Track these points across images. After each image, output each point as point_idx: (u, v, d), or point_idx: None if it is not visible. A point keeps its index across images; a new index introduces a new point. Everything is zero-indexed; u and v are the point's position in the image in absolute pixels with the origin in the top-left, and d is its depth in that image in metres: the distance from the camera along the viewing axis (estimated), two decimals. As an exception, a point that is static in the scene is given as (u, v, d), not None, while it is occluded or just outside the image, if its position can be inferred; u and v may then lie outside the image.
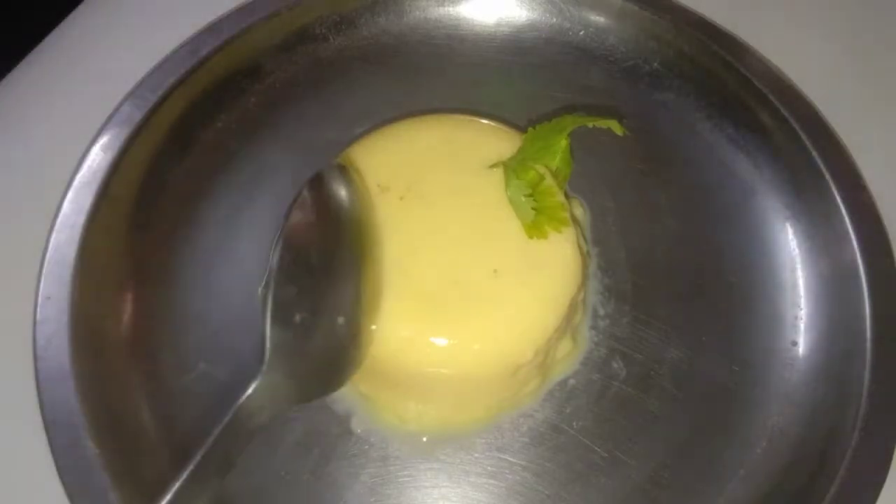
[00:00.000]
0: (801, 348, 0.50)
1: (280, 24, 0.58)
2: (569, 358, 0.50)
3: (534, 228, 0.45)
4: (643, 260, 0.54)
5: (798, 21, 0.62)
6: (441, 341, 0.44)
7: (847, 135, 0.54)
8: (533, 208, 0.45)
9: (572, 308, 0.47)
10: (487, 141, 0.49)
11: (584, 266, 0.48)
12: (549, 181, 0.47)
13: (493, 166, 0.47)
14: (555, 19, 0.61)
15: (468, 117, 0.52)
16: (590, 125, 0.46)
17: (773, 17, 0.62)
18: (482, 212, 0.46)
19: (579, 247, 0.47)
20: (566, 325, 0.47)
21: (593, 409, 0.49)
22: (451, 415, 0.48)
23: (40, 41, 0.60)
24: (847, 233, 0.50)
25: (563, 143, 0.47)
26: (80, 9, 0.62)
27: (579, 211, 0.54)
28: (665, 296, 0.52)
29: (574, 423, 0.48)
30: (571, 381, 0.50)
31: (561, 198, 0.47)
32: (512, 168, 0.46)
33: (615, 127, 0.46)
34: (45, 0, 0.64)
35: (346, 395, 0.48)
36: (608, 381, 0.50)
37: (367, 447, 0.48)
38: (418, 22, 0.62)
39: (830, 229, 0.51)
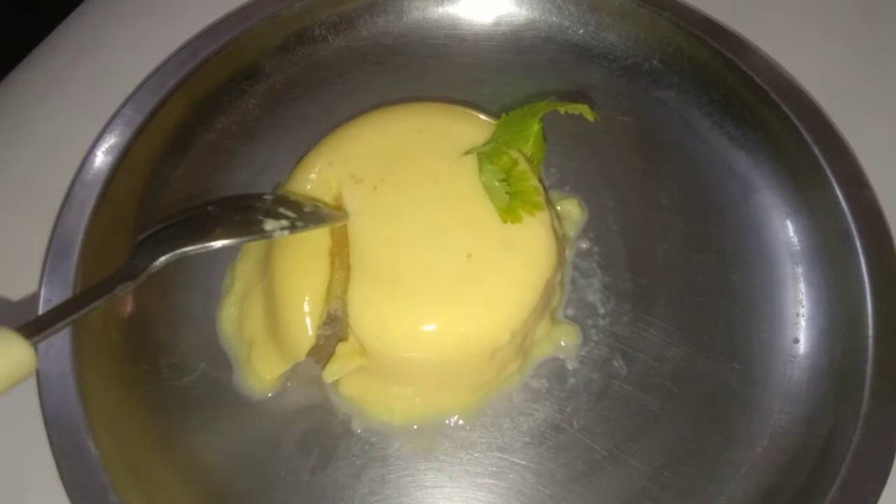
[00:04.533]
0: (803, 346, 0.50)
1: (279, 26, 0.58)
2: (548, 339, 0.50)
3: (508, 213, 0.45)
4: (643, 259, 0.53)
5: (798, 18, 0.62)
6: (417, 327, 0.44)
7: (848, 131, 0.53)
8: (507, 193, 0.45)
9: (549, 290, 0.47)
10: (460, 128, 0.49)
11: (560, 248, 0.48)
12: (522, 166, 0.47)
13: (466, 153, 0.48)
14: (554, 18, 0.61)
15: (440, 105, 0.52)
16: (561, 111, 0.47)
17: (772, 15, 0.61)
18: (456, 198, 0.47)
19: (554, 230, 0.47)
20: (544, 307, 0.48)
21: (594, 408, 0.49)
22: (437, 400, 0.48)
23: (40, 42, 0.60)
24: (849, 229, 0.50)
25: (536, 127, 0.47)
26: (80, 10, 0.62)
27: (576, 211, 0.54)
28: (665, 294, 0.52)
29: (575, 423, 0.48)
30: (572, 380, 0.50)
31: (535, 182, 0.47)
32: (485, 154, 0.47)
33: (586, 112, 0.46)
34: (45, 1, 0.64)
35: (342, 399, 0.49)
36: (609, 381, 0.49)
37: (367, 447, 0.48)
38: (417, 22, 0.62)
39: (832, 226, 0.51)
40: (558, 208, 0.54)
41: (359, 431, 0.48)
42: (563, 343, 0.50)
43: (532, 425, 0.48)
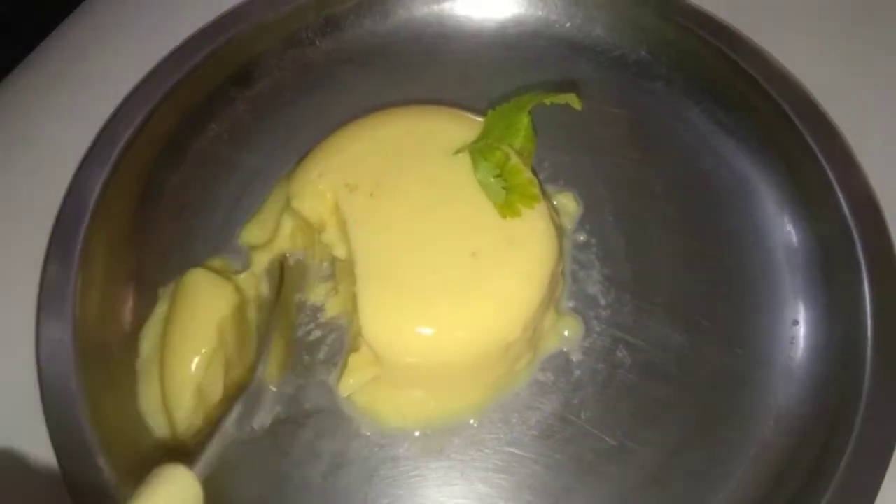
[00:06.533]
0: (803, 327, 0.51)
1: (268, 31, 0.58)
2: (554, 330, 0.50)
3: (506, 207, 0.46)
4: (641, 248, 0.54)
5: (785, 4, 0.62)
6: (429, 330, 0.44)
7: (838, 116, 0.54)
8: (503, 188, 0.46)
9: (553, 281, 0.47)
10: (448, 128, 0.50)
11: (560, 238, 0.49)
12: (514, 160, 0.47)
13: (458, 151, 0.48)
14: (540, 12, 0.61)
15: (425, 107, 0.52)
16: (548, 102, 0.47)
17: (758, 2, 0.62)
18: (453, 198, 0.47)
19: (552, 220, 0.48)
20: (549, 298, 0.48)
21: (600, 399, 0.49)
22: (450, 402, 0.48)
23: (40, 42, 0.59)
24: (842, 213, 0.50)
25: (525, 120, 0.47)
26: (80, 10, 0.61)
27: (572, 204, 0.54)
28: (665, 283, 0.53)
29: (582, 414, 0.49)
30: (577, 372, 0.50)
31: (528, 175, 0.47)
32: (478, 151, 0.47)
33: (573, 102, 0.46)
34: (45, 1, 0.64)
35: (353, 407, 0.49)
36: (613, 370, 0.50)
37: (377, 449, 0.48)
38: (404, 22, 0.61)
39: (825, 210, 0.52)
40: (554, 202, 0.54)
41: (368, 434, 0.48)
42: (566, 334, 0.51)
43: (540, 419, 0.49)
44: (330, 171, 0.49)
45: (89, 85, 0.57)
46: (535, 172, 0.49)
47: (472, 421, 0.49)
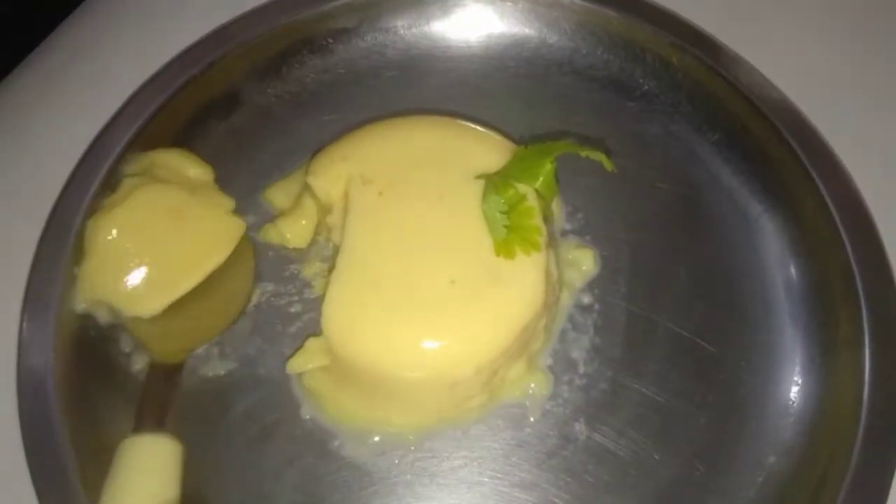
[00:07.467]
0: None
1: (256, 51, 0.58)
2: (520, 383, 0.48)
3: (503, 247, 0.44)
4: (642, 331, 0.51)
5: (810, 47, 0.59)
6: (382, 341, 0.44)
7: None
8: (505, 226, 0.44)
9: (527, 333, 0.45)
10: (479, 149, 0.49)
11: (551, 294, 0.47)
12: (530, 202, 0.45)
13: (479, 177, 0.47)
14: (556, 37, 0.60)
15: (466, 123, 0.51)
16: (582, 154, 0.45)
17: (774, 35, 0.59)
18: (457, 220, 0.46)
19: (548, 273, 0.46)
20: (520, 350, 0.46)
21: (539, 467, 0.47)
22: (390, 415, 0.48)
23: (40, 42, 0.61)
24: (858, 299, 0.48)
25: (548, 167, 0.46)
26: (80, 10, 0.62)
27: (589, 263, 0.52)
28: (653, 373, 0.49)
29: (514, 475, 0.47)
30: (528, 430, 0.48)
31: (538, 221, 0.45)
32: (493, 183, 0.46)
33: (605, 161, 0.44)
34: (45, 1, 0.65)
35: (301, 388, 0.49)
36: (564, 443, 0.47)
37: (308, 435, 0.48)
38: (394, 41, 0.60)
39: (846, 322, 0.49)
40: (570, 256, 0.52)
41: (306, 418, 0.48)
42: (532, 389, 0.49)
43: (470, 463, 0.47)
44: (352, 159, 0.49)
45: (89, 85, 0.58)
46: (547, 220, 0.48)
47: (410, 440, 0.48)
